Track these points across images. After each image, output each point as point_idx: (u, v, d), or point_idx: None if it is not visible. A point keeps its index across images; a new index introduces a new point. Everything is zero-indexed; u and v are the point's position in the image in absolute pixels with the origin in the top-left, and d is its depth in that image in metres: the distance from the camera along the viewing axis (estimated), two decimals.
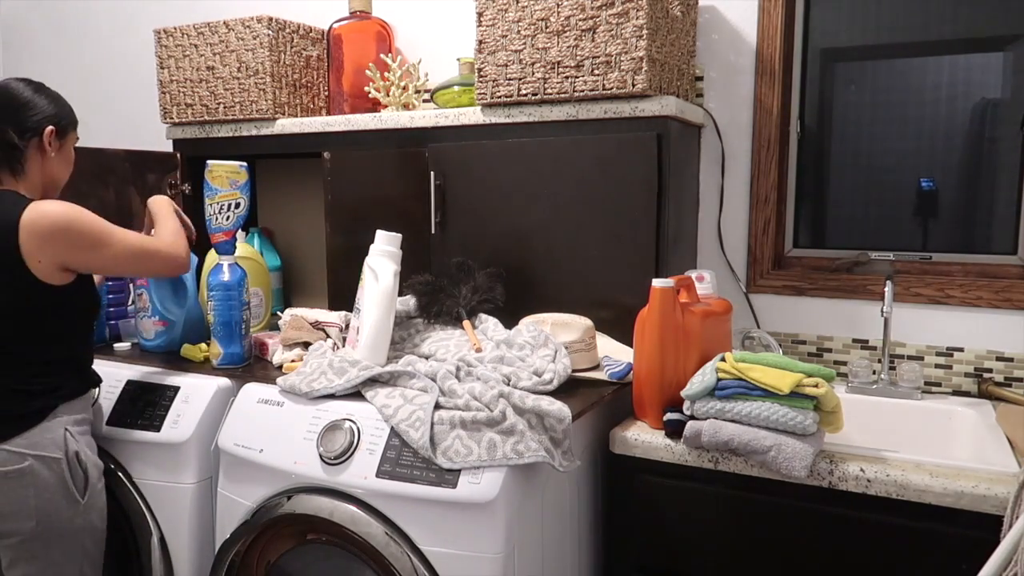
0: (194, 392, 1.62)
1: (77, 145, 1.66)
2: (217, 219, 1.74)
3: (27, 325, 1.48)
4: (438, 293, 1.76)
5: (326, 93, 2.23)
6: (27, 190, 1.54)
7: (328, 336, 1.74)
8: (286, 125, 2.07)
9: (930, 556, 1.25)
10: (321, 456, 1.39)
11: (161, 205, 1.74)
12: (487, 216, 1.82)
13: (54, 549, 1.48)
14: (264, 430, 1.49)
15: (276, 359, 1.72)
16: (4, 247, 1.42)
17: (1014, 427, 1.47)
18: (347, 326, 1.75)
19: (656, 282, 1.44)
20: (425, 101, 2.07)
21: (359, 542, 1.37)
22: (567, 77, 1.68)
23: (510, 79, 1.74)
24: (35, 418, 1.47)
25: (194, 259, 1.90)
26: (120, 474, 1.63)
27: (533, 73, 1.71)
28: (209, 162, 1.76)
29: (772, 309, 1.91)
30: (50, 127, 1.54)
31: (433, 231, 1.87)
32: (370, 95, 2.07)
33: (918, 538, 1.25)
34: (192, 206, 1.80)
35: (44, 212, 1.44)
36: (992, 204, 1.78)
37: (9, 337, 1.46)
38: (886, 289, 1.65)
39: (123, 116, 2.73)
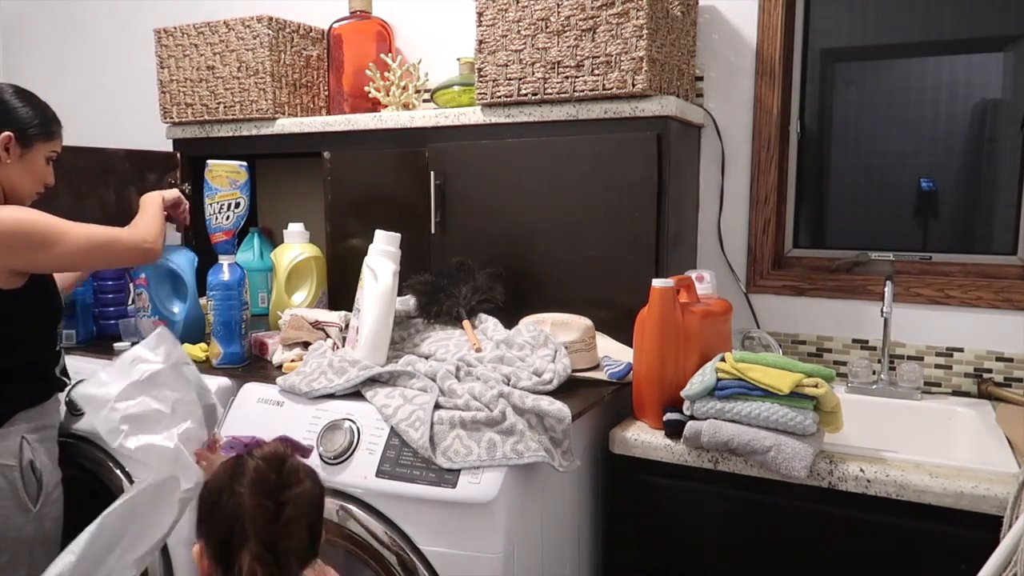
0: None
1: (77, 145, 1.64)
2: (217, 219, 1.74)
3: None
4: (438, 293, 1.76)
5: (326, 93, 2.23)
6: None
7: (328, 336, 1.74)
8: (286, 125, 2.07)
9: (930, 556, 1.25)
10: (321, 456, 1.39)
11: (146, 199, 1.72)
12: (487, 216, 1.82)
13: (1, 555, 1.45)
14: (264, 430, 1.47)
15: (276, 359, 1.72)
16: None
17: (1014, 427, 1.47)
18: (347, 326, 1.75)
19: (656, 282, 1.44)
20: (425, 101, 2.07)
21: (359, 542, 1.36)
22: (567, 77, 1.68)
23: (510, 79, 1.74)
24: None
25: (194, 258, 1.91)
26: (120, 474, 1.62)
27: (533, 73, 1.71)
28: (209, 162, 1.76)
29: (772, 309, 1.91)
30: (7, 133, 1.46)
31: (433, 231, 1.87)
32: (370, 95, 2.07)
33: (918, 538, 1.25)
34: (192, 206, 1.81)
35: None
36: (992, 204, 1.78)
37: None
38: (886, 289, 1.65)
39: (123, 116, 2.73)
